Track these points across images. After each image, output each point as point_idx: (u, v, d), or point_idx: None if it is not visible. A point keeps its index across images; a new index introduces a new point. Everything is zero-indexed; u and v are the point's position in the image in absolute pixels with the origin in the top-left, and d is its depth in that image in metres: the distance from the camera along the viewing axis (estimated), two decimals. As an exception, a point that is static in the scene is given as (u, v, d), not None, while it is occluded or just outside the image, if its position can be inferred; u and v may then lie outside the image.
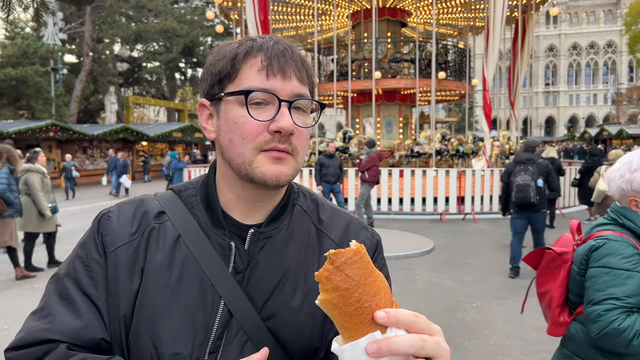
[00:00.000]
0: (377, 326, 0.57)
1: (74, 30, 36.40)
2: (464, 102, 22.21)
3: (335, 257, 0.58)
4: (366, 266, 0.59)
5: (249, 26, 12.98)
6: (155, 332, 0.81)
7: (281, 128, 0.80)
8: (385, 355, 0.56)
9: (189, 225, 0.88)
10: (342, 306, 0.58)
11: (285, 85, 0.82)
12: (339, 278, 0.58)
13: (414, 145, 14.53)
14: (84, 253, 0.87)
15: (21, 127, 21.24)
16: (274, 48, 0.83)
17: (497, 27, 12.65)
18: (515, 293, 5.81)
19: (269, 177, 0.82)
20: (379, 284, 0.60)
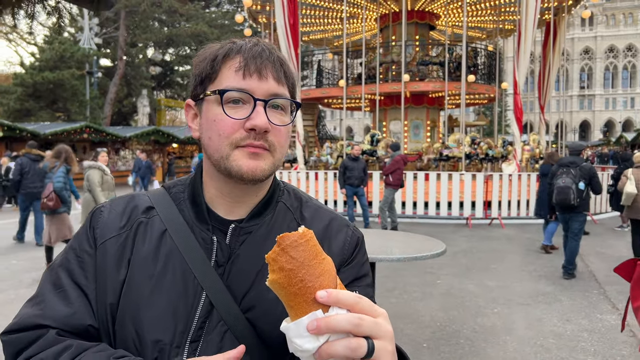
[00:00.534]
0: (320, 306, 0.60)
1: (109, 35, 37.39)
2: (493, 105, 21.88)
3: (282, 240, 0.62)
4: (311, 249, 0.62)
5: (278, 30, 13.10)
6: (138, 320, 0.85)
7: (255, 126, 0.84)
8: (325, 333, 0.58)
9: (175, 220, 0.92)
10: (287, 286, 0.61)
11: (262, 85, 0.85)
12: (284, 259, 0.61)
13: (443, 149, 14.39)
14: (77, 245, 0.92)
15: (57, 128, 21.94)
16: (252, 50, 0.87)
17: (529, 29, 12.43)
18: (537, 300, 5.71)
19: (245, 171, 0.85)
20: (323, 266, 0.62)
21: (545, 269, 7.14)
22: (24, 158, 8.90)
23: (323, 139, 22.54)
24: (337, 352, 0.58)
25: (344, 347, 0.59)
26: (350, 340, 0.59)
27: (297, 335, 0.59)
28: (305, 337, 0.59)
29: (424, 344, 4.40)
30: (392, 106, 16.79)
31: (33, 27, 8.15)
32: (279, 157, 0.89)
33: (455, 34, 19.71)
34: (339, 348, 0.58)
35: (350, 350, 0.59)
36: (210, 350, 0.84)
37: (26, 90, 28.75)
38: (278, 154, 0.89)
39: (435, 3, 16.66)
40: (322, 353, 0.59)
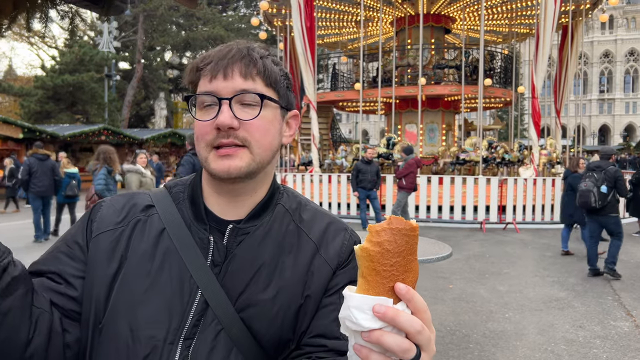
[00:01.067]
0: (392, 295, 0.61)
1: (127, 39, 37.88)
2: (509, 109, 21.68)
3: (394, 221, 0.63)
4: (413, 245, 0.63)
5: (295, 33, 13.15)
6: (133, 316, 0.86)
7: (218, 124, 0.86)
8: (386, 322, 0.59)
9: (173, 219, 0.94)
10: (376, 262, 0.61)
11: (227, 84, 0.88)
12: (387, 237, 0.62)
13: (460, 153, 14.30)
14: (71, 236, 0.95)
15: (76, 130, 22.29)
16: (219, 53, 0.90)
17: (547, 33, 12.30)
18: (549, 305, 5.65)
19: (219, 172, 0.88)
20: (413, 266, 0.63)
21: (559, 275, 7.06)
22: (31, 158, 9.18)
23: (337, 142, 22.54)
24: (388, 343, 0.59)
25: (396, 343, 0.60)
26: (404, 340, 0.60)
27: (358, 307, 0.60)
28: (367, 314, 0.60)
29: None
30: (408, 109, 16.74)
31: (47, 31, 8.37)
32: (259, 151, 0.90)
33: (470, 37, 19.60)
34: (391, 341, 0.59)
35: (400, 349, 0.60)
36: (204, 348, 0.85)
37: (46, 92, 29.24)
38: (256, 148, 0.89)
39: (451, 6, 16.59)
40: (372, 336, 0.60)
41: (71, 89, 29.08)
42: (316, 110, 13.87)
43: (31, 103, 29.44)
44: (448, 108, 17.45)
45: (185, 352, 0.85)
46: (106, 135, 23.49)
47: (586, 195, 6.72)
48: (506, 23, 18.44)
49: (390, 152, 14.02)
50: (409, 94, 15.67)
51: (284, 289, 0.90)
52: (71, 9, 2.33)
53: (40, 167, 9.05)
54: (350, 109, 21.29)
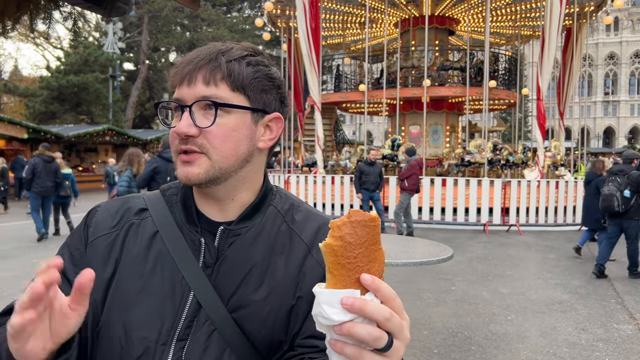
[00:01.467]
0: (360, 287, 0.62)
1: (132, 40, 38.02)
2: (513, 111, 21.63)
3: (353, 214, 0.63)
4: (374, 235, 0.64)
5: (299, 34, 13.16)
6: (126, 318, 0.87)
7: (176, 132, 0.88)
8: (355, 313, 0.60)
9: (166, 222, 0.95)
10: (339, 255, 0.62)
11: (190, 91, 0.87)
12: (347, 230, 0.62)
13: (465, 154, 14.28)
14: (71, 242, 0.97)
15: (80, 131, 22.39)
16: (187, 57, 0.91)
17: (552, 35, 12.26)
18: (552, 308, 5.63)
19: (180, 178, 0.90)
20: (377, 255, 0.64)
21: (562, 277, 7.04)
22: (37, 158, 9.41)
23: (340, 144, 22.54)
24: (359, 334, 0.60)
25: (367, 332, 0.60)
26: (374, 329, 0.60)
27: (328, 302, 0.61)
28: (336, 307, 0.60)
29: (435, 350, 4.38)
30: (411, 111, 16.73)
31: (52, 32, 8.43)
32: (218, 157, 0.89)
33: (474, 39, 19.58)
34: (362, 331, 0.60)
35: (371, 337, 0.60)
36: (197, 349, 0.86)
37: (51, 93, 29.39)
38: (215, 155, 0.89)
39: (456, 8, 16.58)
40: (344, 329, 0.60)
41: (76, 89, 29.20)
42: (321, 112, 13.85)
43: (36, 103, 29.59)
44: (452, 110, 17.43)
45: (179, 353, 0.86)
46: (110, 136, 23.56)
47: (609, 199, 6.83)
48: (510, 25, 18.41)
49: (395, 154, 14.01)
50: (413, 96, 15.67)
51: (275, 290, 0.91)
52: (74, 10, 2.34)
53: (45, 168, 9.31)
54: (353, 110, 21.28)
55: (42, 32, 24.48)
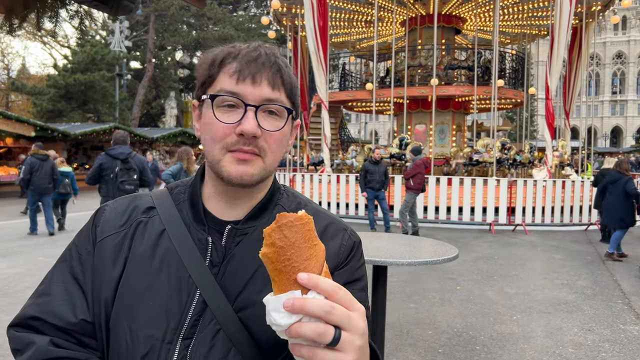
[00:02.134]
0: (300, 287, 0.62)
1: (138, 38, 38.14)
2: (518, 110, 21.52)
3: (280, 218, 0.64)
4: (305, 233, 0.64)
5: (307, 32, 13.11)
6: (132, 316, 0.88)
7: (243, 131, 0.85)
8: (298, 313, 0.60)
9: (173, 220, 0.94)
10: (275, 262, 0.63)
11: (254, 90, 0.87)
12: (277, 236, 0.64)
13: (473, 154, 14.23)
14: (79, 241, 0.97)
15: (87, 129, 22.49)
16: (248, 55, 0.88)
17: (562, 34, 12.18)
18: (558, 308, 5.60)
19: (233, 177, 0.88)
20: (313, 251, 0.65)
21: (568, 277, 7.01)
22: (32, 158, 9.69)
23: (345, 142, 22.52)
24: (305, 333, 0.60)
25: (312, 330, 0.60)
26: (318, 325, 0.61)
27: (274, 309, 0.62)
28: (282, 312, 0.61)
29: (440, 349, 4.37)
30: (418, 110, 16.70)
31: (59, 30, 8.47)
32: (271, 161, 0.91)
33: (479, 38, 19.53)
34: (307, 330, 0.60)
35: (316, 334, 0.60)
36: (203, 348, 0.86)
37: (58, 91, 29.54)
38: (269, 158, 0.90)
39: (463, 7, 16.53)
40: (291, 331, 0.61)
41: (83, 87, 29.36)
42: (330, 110, 13.82)
43: (43, 102, 29.76)
44: (458, 109, 17.39)
45: (184, 352, 0.86)
46: (117, 134, 23.62)
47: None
48: (517, 24, 18.33)
49: (403, 153, 13.98)
50: (420, 94, 15.63)
51: None
52: (81, 8, 2.35)
53: (42, 166, 9.61)
54: (359, 109, 21.25)
55: (49, 31, 24.55)
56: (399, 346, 4.42)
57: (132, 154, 6.54)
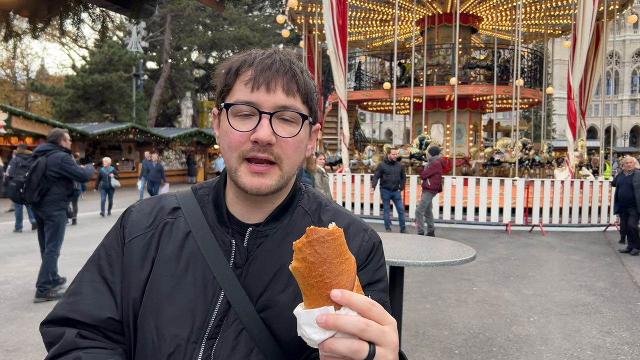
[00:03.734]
0: (334, 302, 0.62)
1: (155, 39, 38.48)
2: (536, 109, 21.27)
3: (310, 233, 0.64)
4: (337, 247, 0.64)
5: (326, 31, 13.08)
6: (158, 315, 0.90)
7: (257, 138, 0.86)
8: (331, 329, 0.61)
9: (198, 222, 0.97)
10: (307, 276, 0.63)
11: (269, 98, 0.87)
12: (308, 251, 0.63)
13: (495, 153, 14.12)
14: (108, 243, 1.00)
15: (104, 129, 22.75)
16: (263, 62, 0.89)
17: (585, 33, 12.02)
18: (576, 310, 5.54)
19: (249, 189, 0.89)
20: (345, 266, 0.64)
21: (586, 279, 6.93)
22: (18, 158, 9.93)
23: (359, 142, 22.46)
24: (339, 349, 0.61)
25: (346, 347, 0.61)
26: (353, 342, 0.61)
27: (306, 323, 0.62)
28: (314, 327, 0.61)
29: (456, 350, 4.36)
30: (435, 109, 16.60)
31: (80, 33, 8.65)
32: (288, 168, 0.92)
33: (495, 37, 19.35)
34: (341, 346, 0.61)
35: (350, 351, 0.61)
36: (226, 348, 0.88)
37: (77, 92, 29.94)
38: (286, 165, 0.91)
39: (481, 5, 16.41)
40: (325, 346, 0.62)
41: (100, 88, 29.71)
42: (347, 110, 13.79)
43: (62, 102, 30.17)
44: (475, 108, 17.26)
45: (209, 351, 0.88)
46: (133, 134, 23.90)
47: None
48: (533, 23, 18.14)
49: (423, 153, 13.91)
50: (438, 94, 15.53)
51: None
52: (103, 12, 2.39)
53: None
54: (373, 108, 21.19)
55: (71, 33, 24.90)
56: (415, 347, 4.41)
57: (48, 152, 5.70)
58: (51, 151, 5.67)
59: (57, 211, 5.69)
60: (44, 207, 5.67)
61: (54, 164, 5.60)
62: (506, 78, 16.34)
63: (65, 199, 5.79)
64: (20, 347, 4.30)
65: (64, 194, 5.77)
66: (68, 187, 5.81)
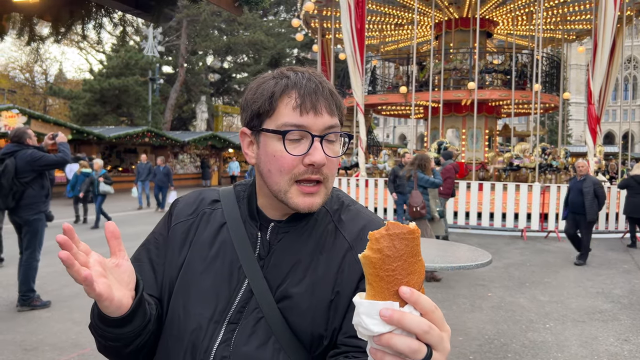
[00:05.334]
0: (399, 298, 0.63)
1: (171, 43, 38.86)
2: (551, 114, 21.05)
3: (392, 226, 0.65)
4: (413, 247, 0.65)
5: (343, 35, 13.07)
6: (187, 294, 0.99)
7: (314, 162, 0.92)
8: (394, 325, 0.61)
9: (233, 215, 1.05)
10: (378, 268, 0.64)
11: (317, 121, 0.92)
12: (386, 243, 0.64)
13: (514, 159, 14.01)
14: (157, 229, 1.12)
15: (120, 132, 23.02)
16: (306, 86, 0.93)
17: (607, 39, 11.88)
18: (593, 317, 5.48)
19: (301, 208, 0.95)
20: (417, 267, 0.65)
21: (603, 286, 6.84)
22: None
23: (371, 147, 22.43)
24: (397, 346, 0.61)
25: (406, 345, 0.61)
26: (413, 341, 0.62)
27: (367, 313, 0.62)
28: (375, 319, 0.62)
29: (470, 356, 4.33)
30: (450, 114, 16.52)
31: (101, 37, 8.81)
32: (329, 185, 0.98)
33: (510, 42, 19.24)
34: (400, 343, 0.61)
35: (409, 350, 0.61)
36: (245, 333, 0.94)
37: (94, 95, 30.32)
38: (329, 183, 0.98)
39: (498, 10, 16.33)
40: (382, 340, 0.62)
41: (117, 92, 30.07)
42: (364, 114, 13.76)
43: (80, 105, 30.57)
44: (491, 113, 17.15)
45: (229, 334, 0.94)
46: (149, 137, 24.12)
47: None
48: (549, 28, 18.00)
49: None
50: (455, 98, 15.45)
51: (315, 285, 0.96)
52: (124, 17, 2.44)
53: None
54: (386, 112, 21.14)
55: (89, 39, 25.19)
56: (429, 352, 4.39)
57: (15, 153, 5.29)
58: (18, 152, 5.27)
59: (34, 215, 5.35)
60: (20, 212, 5.32)
61: (24, 164, 5.23)
62: (523, 83, 16.22)
63: (42, 200, 5.43)
64: (38, 346, 4.37)
65: (41, 194, 5.41)
66: (44, 186, 5.44)
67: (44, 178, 5.44)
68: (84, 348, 4.34)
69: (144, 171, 15.24)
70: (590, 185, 8.13)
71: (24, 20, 2.80)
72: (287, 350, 0.93)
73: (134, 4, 2.49)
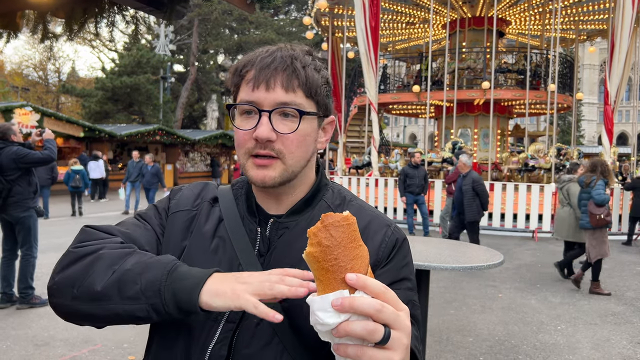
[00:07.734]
0: (347, 286, 0.63)
1: (182, 42, 39.04)
2: (563, 114, 20.87)
3: (325, 218, 0.66)
4: (351, 233, 0.65)
5: (357, 33, 13.02)
6: None
7: (257, 137, 0.90)
8: (347, 311, 0.61)
9: (231, 212, 1.03)
10: (321, 261, 0.64)
11: (268, 96, 0.90)
12: (323, 235, 0.64)
13: (529, 159, 13.91)
14: (159, 204, 1.08)
15: (132, 130, 23.19)
16: (263, 61, 0.92)
17: (624, 38, 11.73)
18: (605, 320, 5.41)
19: (255, 181, 0.94)
20: (359, 252, 0.66)
21: (616, 288, 6.76)
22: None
23: (381, 146, 22.36)
24: (355, 331, 0.61)
25: (362, 327, 0.61)
26: (368, 323, 0.62)
27: (320, 308, 0.63)
28: (329, 312, 0.62)
29: (481, 357, 4.30)
30: (462, 113, 16.42)
31: (114, 35, 8.87)
32: (292, 162, 0.94)
33: (521, 42, 19.11)
34: (357, 327, 0.61)
35: (367, 332, 0.61)
36: (246, 334, 0.90)
37: (106, 93, 30.57)
38: (289, 160, 0.94)
39: (512, 9, 16.21)
40: (340, 330, 0.62)
41: (129, 90, 30.28)
42: (377, 113, 13.69)
43: (92, 103, 30.83)
44: (503, 113, 17.02)
45: (227, 334, 0.90)
46: (160, 136, 24.26)
47: None
48: (562, 28, 17.85)
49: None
50: (468, 97, 15.36)
51: None
52: (137, 14, 2.45)
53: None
54: (397, 111, 21.05)
55: (102, 37, 25.38)
56: (439, 352, 4.37)
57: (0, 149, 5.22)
58: (3, 149, 5.16)
59: (24, 212, 5.27)
60: (9, 210, 5.22)
61: (9, 161, 5.12)
62: (536, 83, 16.09)
63: (30, 196, 5.34)
64: (50, 342, 4.40)
65: (28, 191, 5.32)
66: (31, 182, 5.35)
67: (31, 174, 5.36)
68: (95, 344, 4.37)
69: (135, 171, 13.51)
70: (469, 182, 7.69)
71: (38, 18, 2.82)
72: (291, 351, 0.90)
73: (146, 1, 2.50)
